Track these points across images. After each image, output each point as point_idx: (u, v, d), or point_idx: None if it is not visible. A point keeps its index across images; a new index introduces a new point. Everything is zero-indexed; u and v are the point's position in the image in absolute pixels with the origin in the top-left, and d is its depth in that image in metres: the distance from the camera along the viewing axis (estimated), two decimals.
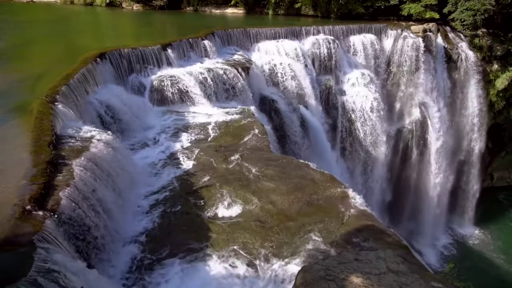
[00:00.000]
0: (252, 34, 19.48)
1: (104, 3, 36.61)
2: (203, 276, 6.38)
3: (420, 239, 27.13)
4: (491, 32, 27.10)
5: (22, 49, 16.11)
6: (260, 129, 11.38)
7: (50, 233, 5.05)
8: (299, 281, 4.41)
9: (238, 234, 7.21)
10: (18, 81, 11.12)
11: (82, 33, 22.10)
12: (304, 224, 7.30)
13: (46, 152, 6.70)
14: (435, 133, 26.23)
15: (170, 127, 11.97)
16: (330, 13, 29.02)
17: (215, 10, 33.09)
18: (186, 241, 7.10)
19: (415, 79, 24.95)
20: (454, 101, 27.63)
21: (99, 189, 6.81)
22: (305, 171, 9.06)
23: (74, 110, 9.61)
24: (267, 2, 31.23)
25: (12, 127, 7.93)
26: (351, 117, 22.23)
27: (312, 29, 21.58)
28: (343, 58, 22.43)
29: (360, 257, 4.59)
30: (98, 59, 12.34)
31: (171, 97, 13.64)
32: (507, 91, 27.55)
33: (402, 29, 24.47)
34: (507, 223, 29.54)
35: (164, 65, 14.62)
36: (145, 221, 7.66)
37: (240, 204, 8.06)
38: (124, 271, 6.49)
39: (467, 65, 26.70)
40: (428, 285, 4.12)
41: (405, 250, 5.97)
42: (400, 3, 27.18)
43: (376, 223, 7.01)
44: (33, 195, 5.44)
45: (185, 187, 8.70)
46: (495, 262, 26.01)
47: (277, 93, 17.84)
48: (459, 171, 29.35)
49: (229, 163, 9.52)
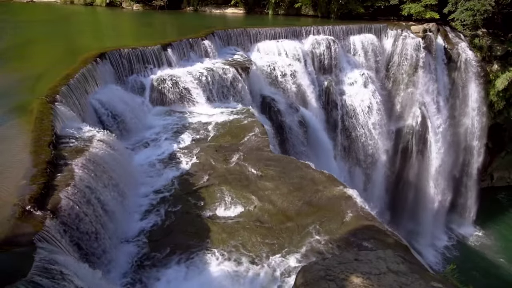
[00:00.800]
0: (252, 34, 19.49)
1: (104, 3, 36.62)
2: (203, 276, 6.39)
3: (420, 239, 27.11)
4: (491, 32, 27.09)
5: (22, 49, 16.11)
6: (260, 129, 11.37)
7: (50, 233, 5.05)
8: (299, 281, 4.41)
9: (238, 234, 7.21)
10: (18, 81, 11.12)
11: (82, 33, 22.09)
12: (304, 224, 7.30)
13: (46, 152, 6.70)
14: (435, 132, 26.23)
15: (170, 127, 11.97)
16: (330, 13, 29.02)
17: (215, 10, 33.09)
18: (186, 241, 7.11)
19: (415, 79, 24.96)
20: (454, 101, 27.64)
21: (99, 189, 6.82)
22: (305, 171, 9.05)
23: (74, 110, 9.61)
24: (267, 2, 31.24)
25: (12, 127, 7.93)
26: (351, 117, 22.24)
27: (312, 29, 21.58)
28: (343, 58, 22.43)
29: (360, 257, 4.59)
30: (98, 59, 12.34)
31: (171, 97, 13.63)
32: (507, 91, 27.53)
33: (402, 29, 24.48)
34: (507, 223, 29.53)
35: (164, 65, 14.62)
36: (145, 221, 7.66)
37: (240, 204, 8.07)
38: (124, 271, 6.49)
39: (467, 65, 26.69)
40: (428, 285, 4.12)
41: (405, 250, 5.97)
42: (400, 3, 27.18)
43: (376, 223, 7.01)
44: (33, 195, 5.44)
45: (185, 187, 8.70)
46: (495, 262, 26.00)
47: (277, 93, 17.85)
48: (459, 170, 29.35)
49: (229, 163, 9.53)
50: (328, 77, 21.47)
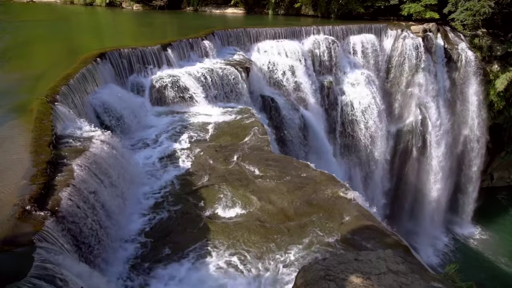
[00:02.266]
0: (252, 34, 19.48)
1: (104, 3, 36.63)
2: (203, 276, 6.39)
3: (419, 239, 27.13)
4: (491, 32, 27.10)
5: (22, 49, 16.10)
6: (260, 129, 11.37)
7: (50, 233, 5.05)
8: (299, 281, 4.41)
9: (238, 234, 7.21)
10: (18, 81, 11.12)
11: (82, 33, 22.09)
12: (304, 224, 7.30)
13: (46, 152, 6.70)
14: (435, 133, 26.25)
15: (170, 127, 11.97)
16: (330, 13, 29.03)
17: (215, 10, 33.10)
18: (186, 241, 7.11)
19: (415, 79, 24.98)
20: (454, 101, 27.65)
21: (99, 189, 6.81)
22: (305, 171, 9.05)
23: (74, 110, 9.60)
24: (267, 2, 31.24)
25: (12, 127, 7.92)
26: (351, 117, 22.24)
27: (312, 29, 21.58)
28: (343, 58, 22.43)
29: (360, 257, 4.59)
30: (98, 59, 12.33)
31: (171, 97, 13.63)
32: (507, 91, 27.54)
33: (402, 29, 24.48)
34: (507, 223, 29.55)
35: (164, 65, 14.61)
36: (145, 221, 7.66)
37: (240, 204, 8.07)
38: (123, 271, 6.49)
39: (467, 65, 26.71)
40: (428, 285, 4.12)
41: (405, 250, 5.97)
42: (400, 3, 27.19)
43: (376, 223, 7.01)
44: (33, 195, 5.43)
45: (185, 187, 8.70)
46: (495, 262, 26.01)
47: (277, 93, 17.86)
48: (459, 171, 29.36)
49: (229, 163, 9.53)
50: (328, 77, 21.47)
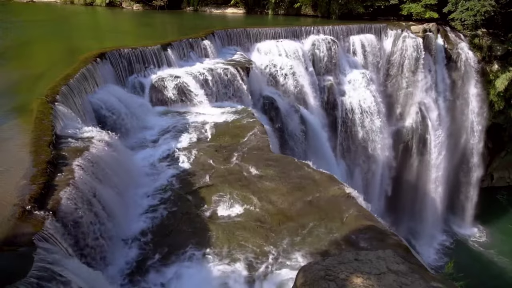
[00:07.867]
0: (252, 34, 19.49)
1: (104, 3, 36.63)
2: (203, 276, 6.38)
3: (419, 239, 27.14)
4: (491, 32, 27.12)
5: (22, 49, 16.11)
6: (260, 129, 11.37)
7: (50, 233, 5.05)
8: (299, 281, 4.40)
9: (238, 234, 7.21)
10: (18, 81, 11.12)
11: (82, 33, 22.10)
12: (304, 224, 7.30)
13: (46, 152, 6.70)
14: (435, 133, 26.25)
15: (170, 127, 11.96)
16: (330, 13, 29.04)
17: (215, 10, 33.10)
18: (185, 241, 7.10)
19: (415, 79, 24.98)
20: (454, 101, 27.66)
21: (99, 189, 6.81)
22: (305, 171, 9.05)
23: (74, 110, 9.60)
24: (267, 2, 31.25)
25: (12, 127, 7.92)
26: (351, 117, 22.24)
27: (312, 29, 21.58)
28: (343, 58, 22.44)
29: (360, 257, 4.58)
30: (98, 59, 12.34)
31: (171, 97, 13.63)
32: (507, 91, 27.55)
33: (402, 29, 24.49)
34: (506, 223, 29.55)
35: (164, 65, 14.61)
36: (145, 221, 7.65)
37: (240, 204, 8.06)
38: (123, 271, 6.48)
39: (467, 65, 26.72)
40: (428, 285, 4.12)
41: (405, 250, 5.97)
42: (400, 3, 27.20)
43: (376, 223, 7.01)
44: (33, 195, 5.43)
45: (185, 187, 8.70)
46: (494, 262, 26.01)
47: (277, 93, 17.85)
48: (459, 171, 29.37)
49: (229, 163, 9.52)
50: (328, 77, 21.47)
